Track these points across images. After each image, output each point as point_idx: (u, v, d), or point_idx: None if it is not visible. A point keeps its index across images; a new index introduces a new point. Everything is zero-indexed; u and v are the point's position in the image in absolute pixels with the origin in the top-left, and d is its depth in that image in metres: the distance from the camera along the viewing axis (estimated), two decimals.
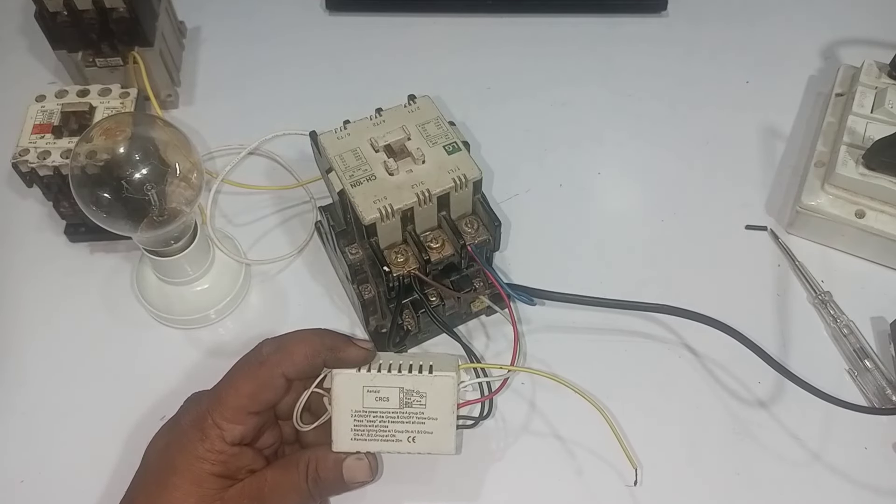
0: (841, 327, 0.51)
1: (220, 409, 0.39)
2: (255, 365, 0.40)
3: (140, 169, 0.43)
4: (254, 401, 0.40)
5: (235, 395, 0.40)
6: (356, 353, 0.41)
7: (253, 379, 0.40)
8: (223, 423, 0.39)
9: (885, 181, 0.52)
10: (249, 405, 0.40)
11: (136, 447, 0.42)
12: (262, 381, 0.40)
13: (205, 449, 0.39)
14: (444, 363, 0.42)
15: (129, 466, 0.40)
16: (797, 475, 0.46)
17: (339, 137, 0.46)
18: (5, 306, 0.53)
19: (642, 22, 0.70)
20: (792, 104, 0.64)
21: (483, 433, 0.47)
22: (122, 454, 0.46)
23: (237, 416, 0.39)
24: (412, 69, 0.66)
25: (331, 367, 0.41)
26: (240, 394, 0.40)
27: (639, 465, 0.44)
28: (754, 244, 0.56)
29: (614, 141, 0.62)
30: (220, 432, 0.39)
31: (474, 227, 0.46)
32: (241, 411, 0.40)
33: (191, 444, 0.39)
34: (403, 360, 0.42)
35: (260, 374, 0.40)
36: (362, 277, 0.47)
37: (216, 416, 0.39)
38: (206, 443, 0.39)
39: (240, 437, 0.40)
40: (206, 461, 0.39)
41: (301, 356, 0.40)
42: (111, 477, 0.46)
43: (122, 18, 0.55)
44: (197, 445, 0.39)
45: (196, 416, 0.40)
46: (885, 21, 0.69)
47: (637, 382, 0.49)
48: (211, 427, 0.39)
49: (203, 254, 0.50)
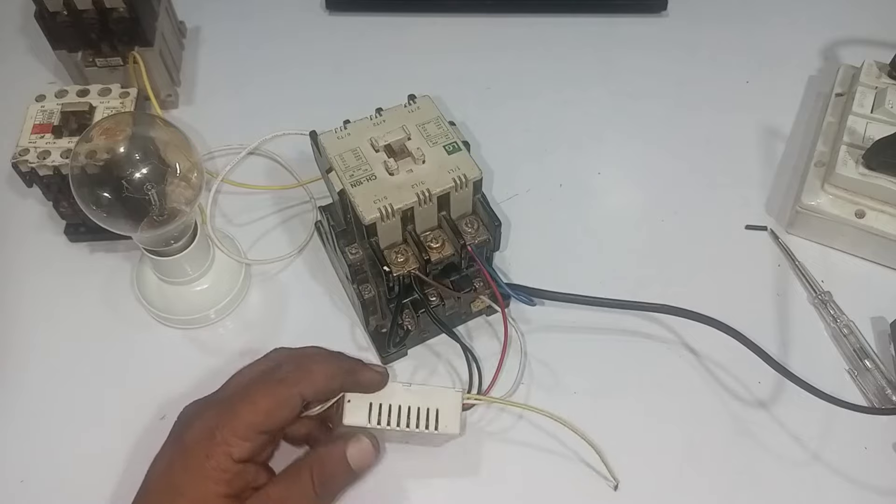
0: (841, 327, 0.51)
1: (232, 425, 0.38)
2: (274, 382, 0.39)
3: (140, 168, 0.43)
4: (269, 418, 0.38)
5: (252, 412, 0.38)
6: (371, 377, 0.41)
7: (271, 396, 0.39)
8: (232, 439, 0.37)
9: (885, 181, 0.52)
10: (263, 423, 0.38)
11: (135, 447, 0.42)
12: (280, 400, 0.39)
13: (210, 467, 0.37)
14: (446, 407, 0.42)
15: (128, 466, 0.40)
16: (797, 475, 0.46)
17: (339, 137, 0.46)
18: (5, 306, 0.53)
19: (642, 22, 0.70)
20: (792, 104, 0.64)
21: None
22: (122, 454, 0.46)
23: (248, 433, 0.38)
24: (412, 69, 0.66)
25: (346, 391, 0.41)
26: (256, 410, 0.38)
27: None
28: (754, 244, 0.56)
29: (614, 141, 0.62)
30: (227, 449, 0.37)
31: (474, 227, 0.46)
32: (253, 428, 0.38)
33: (196, 462, 0.37)
34: (407, 405, 0.42)
35: (278, 391, 0.39)
36: (362, 277, 0.47)
37: (226, 431, 0.38)
38: (213, 460, 0.37)
39: (248, 454, 0.38)
40: (212, 480, 0.37)
41: (322, 377, 0.40)
42: (111, 477, 0.46)
43: (122, 18, 0.55)
44: (203, 463, 0.37)
45: (201, 432, 0.38)
46: (885, 21, 0.69)
47: (637, 382, 0.49)
48: (218, 444, 0.37)
49: (203, 254, 0.50)
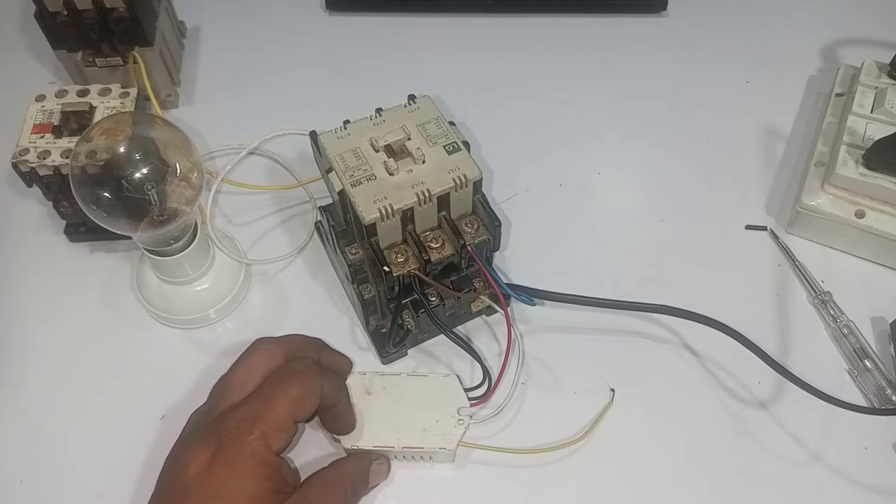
0: (841, 327, 0.51)
1: (271, 416, 0.38)
2: (299, 374, 0.40)
3: (140, 168, 0.43)
4: (301, 407, 0.39)
5: (287, 400, 0.39)
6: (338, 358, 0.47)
7: (301, 385, 0.40)
8: (271, 432, 0.38)
9: (885, 181, 0.52)
10: (298, 412, 0.39)
11: (135, 447, 0.42)
12: (309, 388, 0.40)
13: (256, 463, 0.37)
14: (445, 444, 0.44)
15: (128, 466, 0.40)
16: (797, 475, 0.46)
17: (339, 137, 0.46)
18: (5, 306, 0.53)
19: (642, 22, 0.70)
20: (792, 104, 0.64)
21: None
22: (122, 453, 0.46)
23: (286, 423, 0.39)
24: (412, 69, 0.66)
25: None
26: (290, 398, 0.39)
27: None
28: (754, 244, 0.56)
29: (614, 141, 0.62)
30: (266, 443, 0.38)
31: (474, 227, 0.46)
32: (291, 417, 0.39)
33: (240, 460, 0.37)
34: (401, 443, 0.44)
35: (306, 380, 0.40)
36: (362, 277, 0.47)
37: (265, 423, 0.38)
38: (257, 456, 0.37)
39: (284, 446, 0.39)
40: (260, 477, 0.37)
41: (335, 379, 0.43)
42: (111, 477, 0.46)
43: (122, 18, 0.55)
44: (248, 461, 0.37)
45: (240, 429, 0.38)
46: (885, 21, 0.69)
47: (637, 382, 0.49)
48: (259, 438, 0.37)
49: (203, 253, 0.50)
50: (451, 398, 0.45)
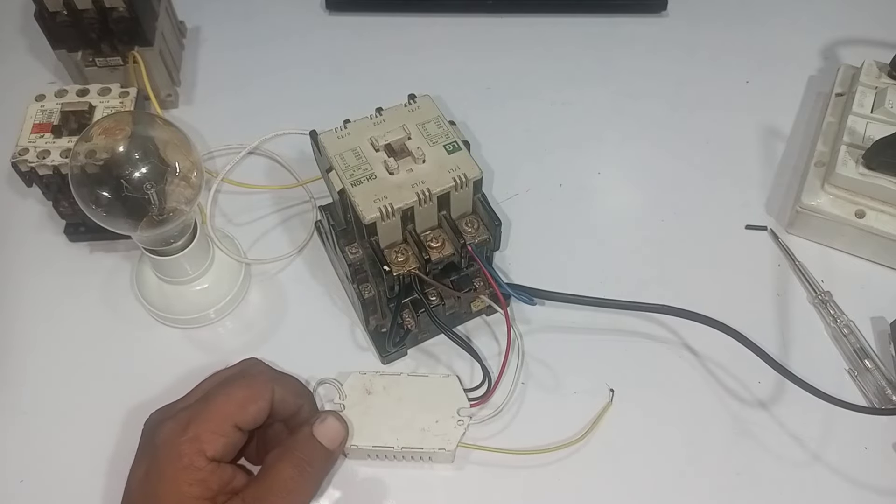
0: (841, 327, 0.51)
1: (206, 417, 0.37)
2: (248, 376, 0.40)
3: (140, 168, 0.43)
4: (243, 410, 0.38)
5: (226, 402, 0.38)
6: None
7: (246, 388, 0.39)
8: (204, 434, 0.37)
9: (885, 181, 0.52)
10: (237, 414, 0.38)
11: (135, 446, 0.42)
12: (254, 391, 0.39)
13: (183, 466, 0.36)
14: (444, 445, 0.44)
15: (128, 466, 0.40)
16: (797, 475, 0.46)
17: (339, 137, 0.46)
18: (5, 306, 0.53)
19: (642, 22, 0.70)
20: (792, 104, 0.64)
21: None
22: (122, 454, 0.46)
23: (222, 426, 0.37)
24: (412, 69, 0.66)
25: (306, 416, 0.42)
26: (230, 400, 0.38)
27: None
28: (754, 244, 0.56)
29: (614, 141, 0.62)
30: (199, 446, 0.36)
31: (474, 227, 0.46)
32: (228, 420, 0.37)
33: (168, 463, 0.36)
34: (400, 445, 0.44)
35: (253, 383, 0.39)
36: (362, 277, 0.47)
37: (198, 425, 0.37)
38: (185, 459, 0.36)
39: (221, 451, 0.37)
40: (186, 482, 0.36)
41: (293, 381, 0.42)
42: (111, 477, 0.46)
43: (121, 18, 0.55)
44: (175, 463, 0.36)
45: (172, 430, 0.37)
46: (885, 21, 0.69)
47: (637, 382, 0.49)
48: (190, 440, 0.36)
49: (203, 253, 0.50)
50: (450, 399, 0.46)
